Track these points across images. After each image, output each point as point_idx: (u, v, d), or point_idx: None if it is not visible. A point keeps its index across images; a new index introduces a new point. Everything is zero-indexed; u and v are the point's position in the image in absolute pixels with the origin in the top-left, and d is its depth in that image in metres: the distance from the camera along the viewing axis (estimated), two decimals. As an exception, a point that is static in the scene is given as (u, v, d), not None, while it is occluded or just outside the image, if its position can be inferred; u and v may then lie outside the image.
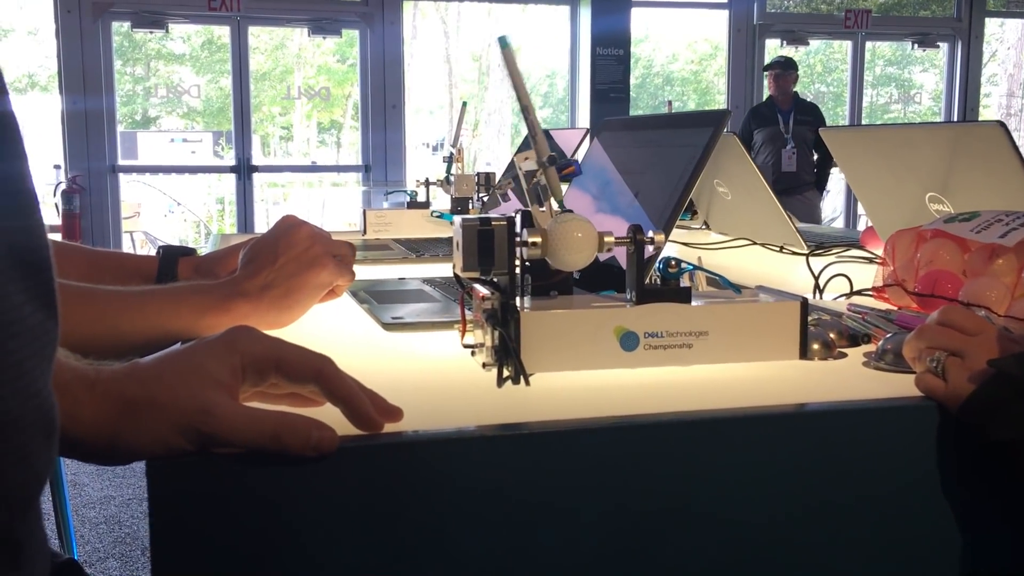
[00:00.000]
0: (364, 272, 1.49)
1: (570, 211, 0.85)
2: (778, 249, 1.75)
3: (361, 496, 0.63)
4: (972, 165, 1.19)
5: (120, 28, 6.54)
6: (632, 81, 7.06)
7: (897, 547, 0.74)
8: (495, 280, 0.83)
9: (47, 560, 0.60)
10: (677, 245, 1.86)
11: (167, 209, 8.98)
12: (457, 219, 0.83)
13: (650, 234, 0.83)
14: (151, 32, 6.61)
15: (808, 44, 7.65)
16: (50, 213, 6.47)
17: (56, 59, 6.17)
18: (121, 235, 6.55)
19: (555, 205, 0.84)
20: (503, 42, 0.83)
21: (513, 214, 0.86)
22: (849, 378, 0.83)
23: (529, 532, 0.66)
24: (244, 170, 6.51)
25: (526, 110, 0.84)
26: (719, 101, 7.82)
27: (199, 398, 0.60)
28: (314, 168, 9.35)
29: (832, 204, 8.07)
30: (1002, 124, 1.10)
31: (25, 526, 0.44)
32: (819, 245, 1.75)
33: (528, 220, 0.85)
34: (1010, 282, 0.94)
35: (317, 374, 0.65)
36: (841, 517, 0.72)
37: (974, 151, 1.18)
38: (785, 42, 7.35)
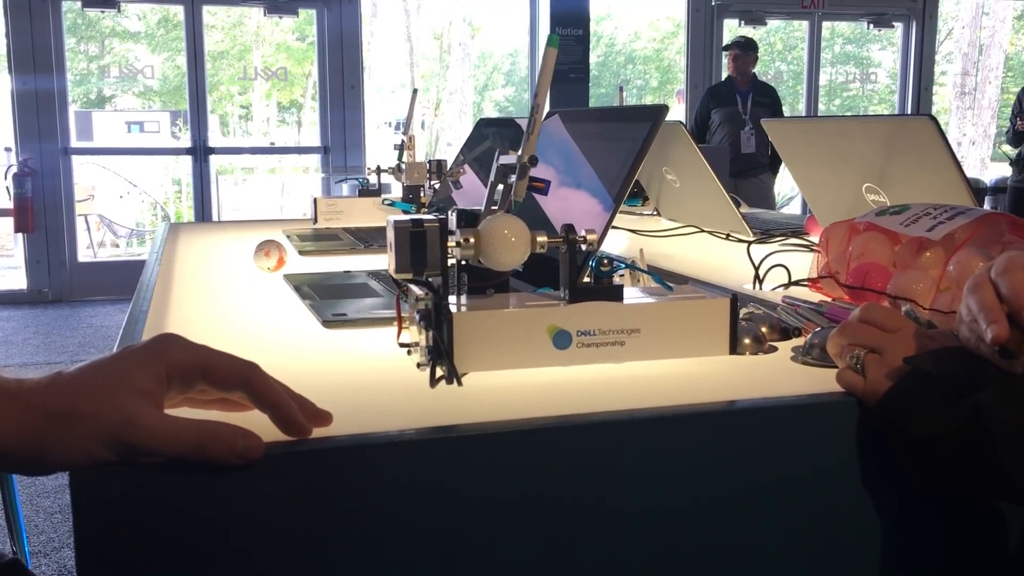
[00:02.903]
0: (311, 264, 1.49)
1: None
2: (724, 237, 1.77)
3: (289, 503, 0.63)
4: (905, 157, 1.22)
5: (72, 7, 6.40)
6: (594, 60, 7.08)
7: (821, 537, 0.76)
8: (429, 280, 0.84)
9: None
10: (626, 232, 1.88)
11: (123, 191, 8.84)
12: (389, 219, 0.83)
13: (583, 234, 0.84)
14: (103, 11, 6.48)
15: (766, 24, 7.69)
16: (1, 197, 6.35)
17: (4, 38, 6.02)
18: (75, 219, 6.44)
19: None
20: (552, 41, 0.83)
21: (449, 213, 0.87)
22: (776, 373, 0.85)
23: (462, 535, 0.67)
24: (200, 152, 6.42)
25: (536, 108, 0.84)
26: (681, 80, 7.84)
27: (122, 408, 0.60)
28: (272, 150, 9.25)
29: (790, 184, 8.15)
30: (932, 118, 1.13)
31: None
32: (765, 232, 1.77)
33: (463, 220, 0.85)
34: (936, 275, 0.97)
35: (244, 381, 0.65)
36: (768, 510, 0.74)
37: (907, 144, 1.20)
38: (743, 22, 7.39)
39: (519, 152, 0.83)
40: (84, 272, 6.36)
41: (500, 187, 0.85)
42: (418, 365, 0.82)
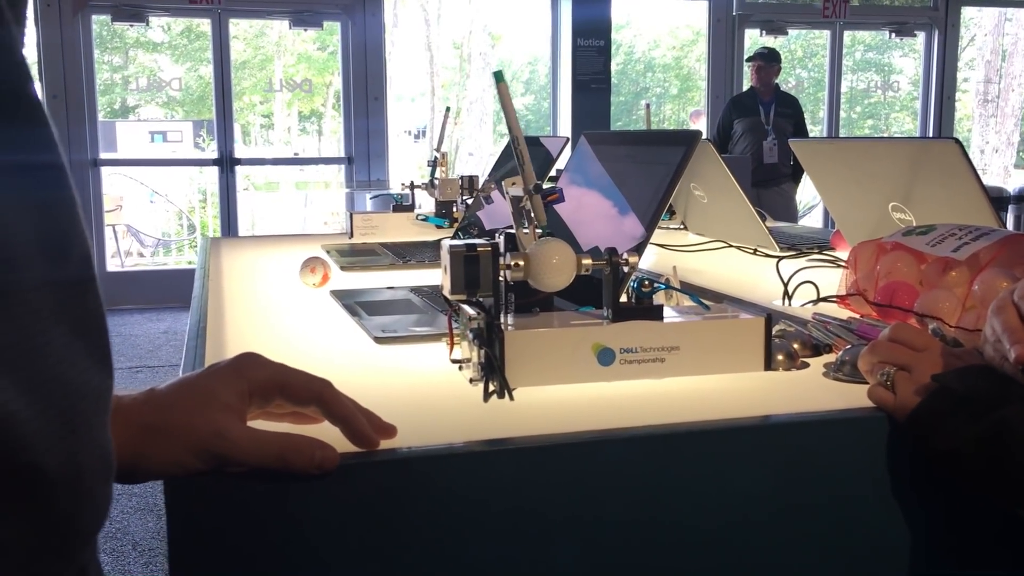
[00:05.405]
0: (353, 280, 1.54)
1: (551, 234, 0.91)
2: (752, 251, 1.81)
3: (361, 509, 0.68)
4: (931, 178, 1.26)
5: (99, 18, 6.52)
6: (613, 68, 7.11)
7: (852, 547, 0.80)
8: (480, 300, 0.89)
9: None
10: (656, 247, 1.93)
11: (148, 199, 8.96)
12: (444, 243, 0.89)
13: (624, 256, 0.89)
14: (131, 25, 6.59)
15: (787, 34, 7.72)
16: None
17: (36, 50, 6.14)
18: (104, 229, 6.55)
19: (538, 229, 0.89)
20: (498, 76, 0.88)
21: (498, 236, 0.92)
22: (809, 389, 0.89)
23: (515, 541, 0.72)
24: (226, 163, 6.52)
25: (515, 140, 0.89)
26: (700, 88, 7.88)
27: (211, 422, 0.65)
28: (297, 160, 9.36)
29: (811, 193, 8.16)
30: (957, 141, 1.17)
31: (88, 553, 0.50)
32: (792, 246, 1.81)
33: (511, 243, 0.90)
34: (961, 294, 1.01)
35: (318, 397, 0.70)
36: (801, 520, 0.79)
37: (932, 165, 1.25)
38: (764, 32, 7.41)
39: (522, 182, 0.89)
40: (113, 282, 6.47)
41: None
42: (471, 380, 0.87)
